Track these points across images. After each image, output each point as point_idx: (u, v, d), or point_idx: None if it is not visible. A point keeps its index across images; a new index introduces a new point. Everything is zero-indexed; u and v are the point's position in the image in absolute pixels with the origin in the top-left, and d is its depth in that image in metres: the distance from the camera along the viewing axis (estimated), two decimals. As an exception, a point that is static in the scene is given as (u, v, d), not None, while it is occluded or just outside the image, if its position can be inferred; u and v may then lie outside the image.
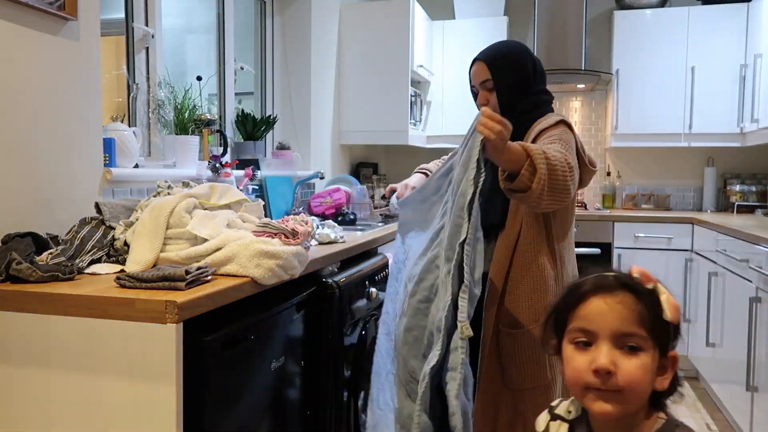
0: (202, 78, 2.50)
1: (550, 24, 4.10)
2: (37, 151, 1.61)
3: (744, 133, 3.84)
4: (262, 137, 2.98)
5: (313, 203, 2.80)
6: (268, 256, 1.43)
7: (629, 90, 4.04)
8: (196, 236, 1.48)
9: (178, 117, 2.33)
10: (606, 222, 3.84)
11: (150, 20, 2.38)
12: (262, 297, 1.49)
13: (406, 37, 3.74)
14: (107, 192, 1.89)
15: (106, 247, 1.53)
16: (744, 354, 2.70)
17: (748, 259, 2.70)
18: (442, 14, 4.53)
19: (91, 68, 1.78)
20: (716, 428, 3.05)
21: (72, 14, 1.68)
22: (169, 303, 1.16)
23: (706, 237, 3.42)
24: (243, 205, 1.73)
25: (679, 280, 3.74)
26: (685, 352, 3.75)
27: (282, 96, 3.51)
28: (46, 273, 1.32)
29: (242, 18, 3.20)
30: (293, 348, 1.65)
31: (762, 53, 3.53)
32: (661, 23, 3.96)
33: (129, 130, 2.00)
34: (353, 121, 3.86)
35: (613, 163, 4.42)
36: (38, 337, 1.26)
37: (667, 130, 3.99)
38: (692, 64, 3.92)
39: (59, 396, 1.25)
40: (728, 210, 4.08)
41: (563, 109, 4.50)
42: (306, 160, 3.46)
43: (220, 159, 2.36)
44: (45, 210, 1.63)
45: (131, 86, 2.30)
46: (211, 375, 1.26)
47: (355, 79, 3.84)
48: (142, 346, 1.19)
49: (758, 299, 2.57)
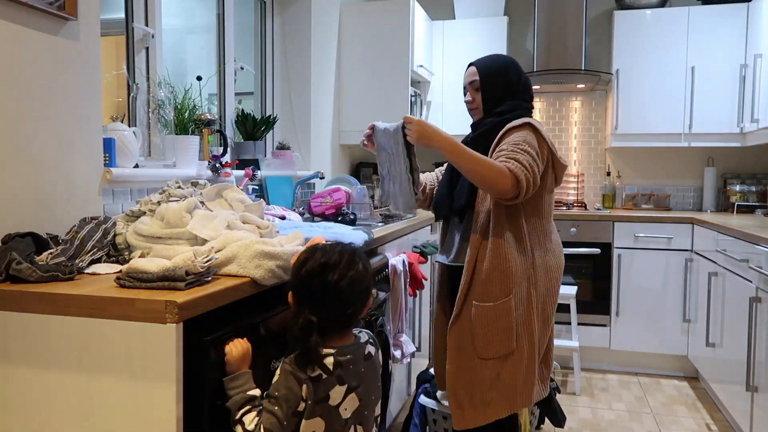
0: (202, 78, 2.50)
1: (550, 24, 4.11)
2: (37, 151, 1.61)
3: (744, 133, 3.84)
4: (262, 137, 2.98)
5: (313, 203, 2.80)
6: (269, 257, 1.43)
7: (629, 90, 4.04)
8: (196, 236, 1.48)
9: (178, 117, 2.33)
10: (606, 222, 3.84)
11: (150, 20, 2.38)
12: (262, 297, 1.49)
13: (406, 37, 3.74)
14: (107, 192, 1.89)
15: (106, 247, 1.53)
16: (744, 354, 2.70)
17: (748, 259, 2.70)
18: (442, 14, 4.53)
19: (91, 68, 1.78)
20: (716, 428, 3.05)
21: (72, 14, 1.68)
22: (169, 303, 1.16)
23: (706, 237, 3.42)
24: (244, 205, 1.73)
25: (679, 280, 3.74)
26: (685, 352, 3.75)
27: (282, 96, 3.51)
28: (46, 273, 1.32)
29: (242, 18, 3.20)
30: (293, 348, 1.64)
31: (762, 53, 3.53)
32: (661, 23, 3.97)
33: (129, 130, 2.00)
34: (353, 121, 3.86)
35: (613, 163, 4.42)
36: (38, 337, 1.26)
37: (667, 130, 4.00)
38: (692, 64, 3.92)
39: (59, 396, 1.25)
40: (728, 210, 4.08)
41: (563, 108, 4.50)
42: (306, 160, 3.46)
43: (220, 159, 2.36)
44: (45, 210, 1.63)
45: (131, 86, 2.30)
46: (211, 375, 1.26)
47: (355, 79, 3.84)
48: (142, 346, 1.19)
49: (758, 299, 2.57)
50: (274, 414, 1.30)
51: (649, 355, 3.87)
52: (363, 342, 1.48)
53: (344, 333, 1.44)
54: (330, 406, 1.36)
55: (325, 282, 1.37)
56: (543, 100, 4.54)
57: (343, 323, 1.43)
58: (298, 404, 1.32)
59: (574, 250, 3.83)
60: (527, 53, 4.50)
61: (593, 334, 3.87)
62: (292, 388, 1.32)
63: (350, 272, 1.38)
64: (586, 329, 3.87)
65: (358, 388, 1.41)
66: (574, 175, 4.48)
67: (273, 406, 1.31)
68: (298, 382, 1.32)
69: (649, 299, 3.79)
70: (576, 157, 4.50)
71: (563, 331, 3.84)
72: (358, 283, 1.40)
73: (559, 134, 4.52)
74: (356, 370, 1.41)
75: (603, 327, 3.87)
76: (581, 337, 3.83)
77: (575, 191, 4.48)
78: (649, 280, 3.79)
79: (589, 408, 3.32)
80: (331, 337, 1.40)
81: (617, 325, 3.84)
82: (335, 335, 1.41)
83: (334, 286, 1.36)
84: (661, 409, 3.30)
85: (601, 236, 3.84)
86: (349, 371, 1.39)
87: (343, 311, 1.40)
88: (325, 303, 1.37)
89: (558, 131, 4.52)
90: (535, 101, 4.48)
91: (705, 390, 3.58)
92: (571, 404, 3.34)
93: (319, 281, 1.37)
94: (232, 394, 1.29)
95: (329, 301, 1.38)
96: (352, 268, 1.39)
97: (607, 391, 3.58)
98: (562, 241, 3.87)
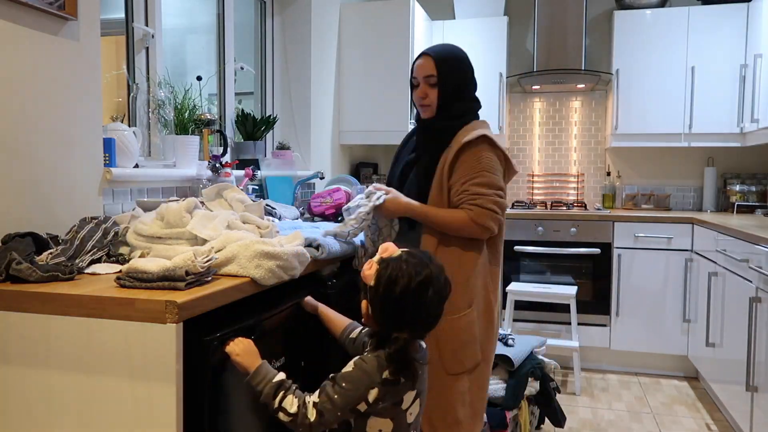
0: (202, 78, 2.50)
1: (550, 24, 4.11)
2: (37, 151, 1.61)
3: (744, 133, 3.84)
4: (262, 137, 2.98)
5: (313, 203, 2.80)
6: (269, 257, 1.43)
7: (629, 90, 4.04)
8: (196, 236, 1.48)
9: (178, 117, 2.33)
10: (606, 222, 3.84)
11: (150, 20, 2.38)
12: (262, 297, 1.49)
13: (406, 37, 3.74)
14: (107, 192, 1.89)
15: (106, 247, 1.53)
16: (744, 354, 2.70)
17: (748, 259, 2.70)
18: (442, 14, 4.53)
19: (91, 68, 1.78)
20: (716, 428, 3.05)
21: (72, 14, 1.68)
22: (169, 303, 1.16)
23: (706, 237, 3.42)
24: (244, 205, 1.73)
25: (679, 280, 3.74)
26: (685, 352, 3.75)
27: (282, 96, 3.51)
28: (46, 273, 1.32)
29: (242, 18, 3.20)
30: (293, 348, 1.65)
31: (762, 53, 3.53)
32: (661, 23, 3.97)
33: (129, 130, 2.00)
34: (353, 121, 3.86)
35: (613, 163, 4.42)
36: (38, 337, 1.26)
37: (667, 130, 4.00)
38: (692, 64, 3.92)
39: (59, 396, 1.25)
40: (728, 210, 4.08)
41: (563, 108, 4.50)
42: (306, 160, 3.46)
43: (220, 159, 2.36)
44: (45, 210, 1.63)
45: (131, 86, 2.30)
46: (211, 375, 1.26)
47: (355, 79, 3.84)
48: (142, 346, 1.19)
49: (758, 299, 2.57)
50: (332, 401, 1.29)
51: (649, 355, 3.87)
52: (425, 347, 1.47)
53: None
54: (401, 409, 1.36)
55: (423, 299, 1.33)
56: (543, 100, 4.54)
57: (428, 330, 1.42)
58: (359, 404, 1.31)
59: (574, 250, 3.83)
60: (527, 53, 4.50)
61: (593, 334, 3.87)
62: (360, 389, 1.30)
63: (441, 284, 1.36)
64: (586, 329, 3.86)
65: (422, 394, 1.42)
66: (574, 175, 4.48)
67: (334, 393, 1.29)
68: (369, 385, 1.30)
69: (649, 299, 3.79)
70: (576, 157, 4.50)
71: (563, 331, 3.85)
72: (446, 294, 1.38)
73: (559, 134, 4.52)
74: (423, 376, 1.42)
75: (603, 327, 3.86)
76: (581, 337, 3.83)
77: (575, 191, 4.48)
78: (649, 280, 3.79)
79: (589, 408, 3.32)
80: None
81: (617, 325, 3.84)
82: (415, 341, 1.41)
83: (430, 302, 1.34)
84: (661, 409, 3.30)
85: (601, 236, 3.84)
86: (419, 376, 1.39)
87: (434, 324, 1.39)
88: (422, 318, 1.36)
89: (558, 131, 4.52)
90: (535, 101, 4.53)
91: (705, 390, 3.58)
92: (571, 404, 3.34)
93: (418, 299, 1.33)
94: (260, 388, 1.29)
95: (426, 316, 1.36)
96: (441, 278, 1.37)
97: (607, 391, 3.58)
98: (562, 241, 3.89)
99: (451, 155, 1.85)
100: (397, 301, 1.33)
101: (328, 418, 1.28)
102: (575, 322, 3.63)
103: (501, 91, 4.16)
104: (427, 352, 1.47)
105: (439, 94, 1.90)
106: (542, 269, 3.94)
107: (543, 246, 3.88)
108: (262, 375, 1.29)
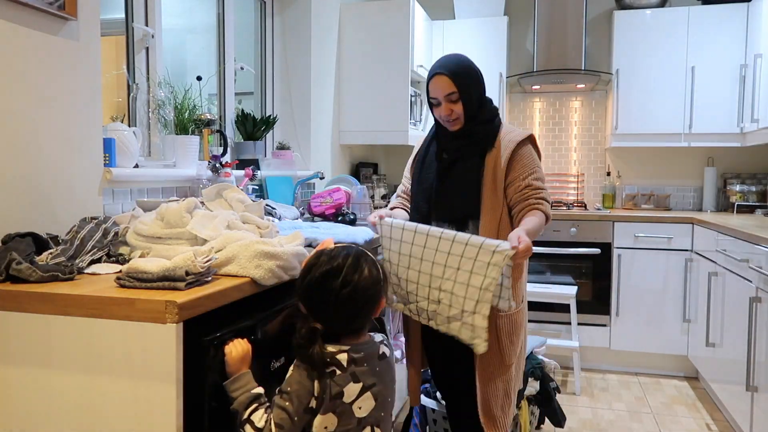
0: (202, 78, 2.50)
1: (550, 24, 4.11)
2: (37, 151, 1.61)
3: (744, 133, 3.84)
4: (262, 137, 2.98)
5: (313, 203, 2.80)
6: (269, 257, 1.43)
7: (629, 90, 4.04)
8: (196, 236, 1.48)
9: (178, 117, 2.33)
10: (606, 222, 3.84)
11: (150, 20, 2.38)
12: (262, 297, 1.49)
13: (406, 37, 3.74)
14: (107, 192, 1.89)
15: (106, 247, 1.53)
16: (744, 354, 2.70)
17: (748, 259, 2.70)
18: (442, 14, 4.53)
19: (91, 68, 1.78)
20: (716, 428, 3.06)
21: (72, 14, 1.68)
22: (169, 303, 1.16)
23: (706, 237, 3.42)
24: (244, 205, 1.73)
25: (679, 280, 3.74)
26: (685, 352, 3.75)
27: (282, 96, 3.51)
28: (46, 273, 1.32)
29: (242, 18, 3.20)
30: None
31: (762, 53, 3.53)
32: (661, 23, 3.97)
33: (129, 130, 2.00)
34: (353, 121, 3.86)
35: (613, 163, 4.42)
36: (38, 337, 1.26)
37: (667, 130, 4.00)
38: (692, 64, 3.92)
39: (59, 396, 1.25)
40: (728, 210, 4.08)
41: (563, 108, 4.50)
42: (306, 160, 3.46)
43: (220, 159, 2.36)
44: (45, 210, 1.63)
45: (131, 86, 2.30)
46: (211, 375, 1.26)
47: (355, 79, 3.84)
48: (142, 346, 1.19)
49: (758, 299, 2.57)
50: (285, 409, 1.30)
51: (649, 355, 3.87)
52: (377, 341, 1.47)
53: (357, 334, 1.44)
54: (344, 402, 1.35)
55: (328, 291, 1.36)
56: (543, 100, 4.54)
57: (352, 330, 1.42)
58: (310, 400, 1.32)
59: (574, 250, 3.83)
60: (527, 53, 4.50)
61: (593, 334, 3.87)
62: (304, 384, 1.32)
63: (355, 279, 1.37)
64: (586, 329, 3.87)
65: (373, 387, 1.40)
66: (574, 175, 4.48)
67: (284, 401, 1.30)
68: (310, 378, 1.32)
69: (649, 299, 3.79)
70: (576, 157, 4.50)
71: (563, 331, 3.84)
72: (364, 291, 1.38)
73: (559, 134, 4.52)
74: (371, 368, 1.40)
75: (603, 327, 3.86)
76: (581, 337, 3.83)
77: (575, 191, 4.48)
78: (649, 280, 3.79)
79: (589, 408, 3.32)
80: (344, 337, 1.40)
81: (617, 325, 3.84)
82: (349, 336, 1.41)
83: (336, 295, 1.35)
84: (661, 409, 3.30)
85: (601, 236, 3.84)
86: (363, 369, 1.38)
87: (351, 320, 1.39)
88: (330, 311, 1.37)
89: (558, 131, 4.52)
90: (535, 101, 4.53)
91: (705, 390, 3.58)
92: (571, 404, 3.34)
93: (322, 290, 1.36)
94: (235, 395, 1.29)
95: (334, 310, 1.37)
96: (357, 273, 1.37)
97: (607, 391, 3.58)
98: (562, 241, 3.89)
99: (505, 155, 1.93)
100: (305, 289, 1.39)
101: (288, 429, 1.29)
102: (575, 322, 3.63)
103: (501, 91, 4.16)
104: (378, 346, 1.45)
105: (465, 106, 1.94)
106: (542, 269, 3.94)
107: (543, 246, 3.88)
108: (243, 383, 1.30)
